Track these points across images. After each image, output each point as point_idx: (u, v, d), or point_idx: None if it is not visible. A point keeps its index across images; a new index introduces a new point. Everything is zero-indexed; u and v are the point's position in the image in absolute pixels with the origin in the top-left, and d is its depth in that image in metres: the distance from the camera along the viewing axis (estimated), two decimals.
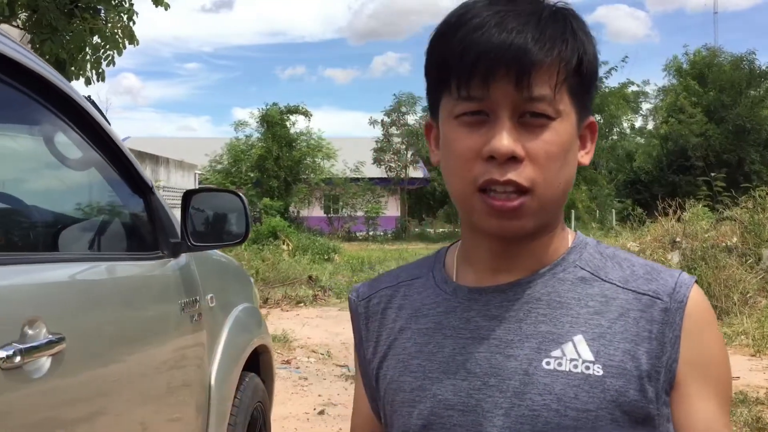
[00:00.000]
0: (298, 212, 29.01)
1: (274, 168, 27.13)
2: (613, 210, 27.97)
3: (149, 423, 1.96)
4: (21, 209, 1.89)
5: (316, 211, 30.95)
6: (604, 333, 0.81)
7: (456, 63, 0.79)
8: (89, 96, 2.05)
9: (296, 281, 11.99)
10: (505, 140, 0.77)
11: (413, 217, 35.34)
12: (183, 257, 2.30)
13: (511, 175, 0.78)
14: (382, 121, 34.70)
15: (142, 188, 2.16)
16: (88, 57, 8.22)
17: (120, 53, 8.38)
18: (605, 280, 0.85)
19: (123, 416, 1.79)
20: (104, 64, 8.47)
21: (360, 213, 31.62)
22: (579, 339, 0.80)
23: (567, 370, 0.79)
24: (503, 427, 0.79)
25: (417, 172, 35.94)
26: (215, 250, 3.06)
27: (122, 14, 8.61)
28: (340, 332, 8.02)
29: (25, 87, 1.64)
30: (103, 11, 8.65)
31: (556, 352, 0.80)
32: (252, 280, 3.41)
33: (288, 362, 6.48)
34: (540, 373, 0.80)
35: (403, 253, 19.93)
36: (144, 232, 2.18)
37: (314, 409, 5.03)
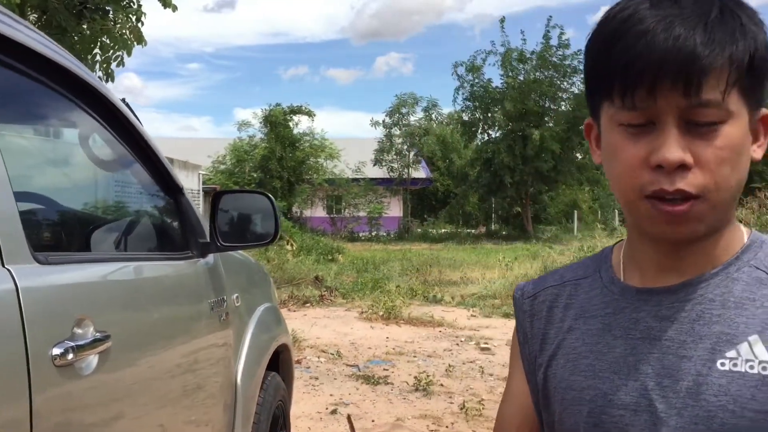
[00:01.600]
0: (301, 213, 29.07)
1: (277, 168, 27.18)
2: (616, 210, 27.99)
3: (182, 420, 1.99)
4: (63, 209, 1.92)
5: (319, 212, 31.00)
6: None
7: (620, 73, 0.77)
8: (124, 98, 2.08)
9: (302, 281, 12.01)
10: (673, 149, 0.75)
11: (416, 218, 35.38)
12: (210, 257, 2.33)
13: (681, 185, 0.76)
14: (383, 121, 34.77)
15: (173, 189, 2.18)
16: (98, 58, 8.26)
17: (129, 53, 8.40)
18: None
19: (159, 413, 1.82)
20: (114, 64, 8.50)
21: (362, 213, 31.67)
22: (755, 339, 0.79)
23: (743, 370, 0.78)
24: (676, 428, 0.79)
25: (419, 173, 35.98)
26: (236, 251, 3.09)
27: (131, 15, 8.65)
28: (348, 332, 8.05)
29: (61, 87, 1.67)
30: (111, 12, 8.69)
31: (731, 353, 0.79)
32: (271, 279, 3.43)
33: (299, 362, 6.51)
34: (714, 374, 0.79)
35: (407, 253, 19.95)
36: (175, 232, 2.21)
37: (326, 408, 5.06)
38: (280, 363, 3.22)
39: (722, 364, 0.79)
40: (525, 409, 1.00)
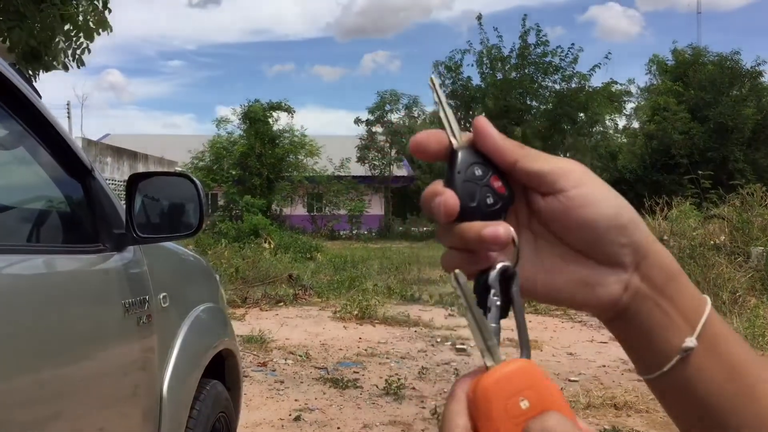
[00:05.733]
0: (281, 210, 28.68)
1: (256, 165, 26.77)
2: None
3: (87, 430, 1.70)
4: None
5: (299, 210, 30.64)
6: None
7: None
8: (15, 63, 1.78)
9: (276, 280, 11.70)
10: None
11: (397, 216, 35.12)
12: (130, 251, 2.03)
13: None
14: (367, 120, 34.50)
15: (80, 171, 1.88)
16: (61, 45, 7.92)
17: (92, 40, 8.07)
18: None
19: (56, 425, 1.53)
20: (78, 51, 8.16)
21: (343, 211, 31.37)
22: None
23: None
24: None
25: (401, 171, 35.76)
26: (175, 245, 2.79)
27: (95, 1, 8.31)
28: (319, 333, 7.75)
29: None
30: None
31: None
32: (218, 278, 3.13)
33: (264, 364, 6.20)
34: None
35: (387, 251, 19.70)
36: (81, 221, 1.90)
37: (290, 414, 4.76)
38: (225, 370, 2.93)
39: None
40: None
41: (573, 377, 5.84)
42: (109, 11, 8.44)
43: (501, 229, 0.45)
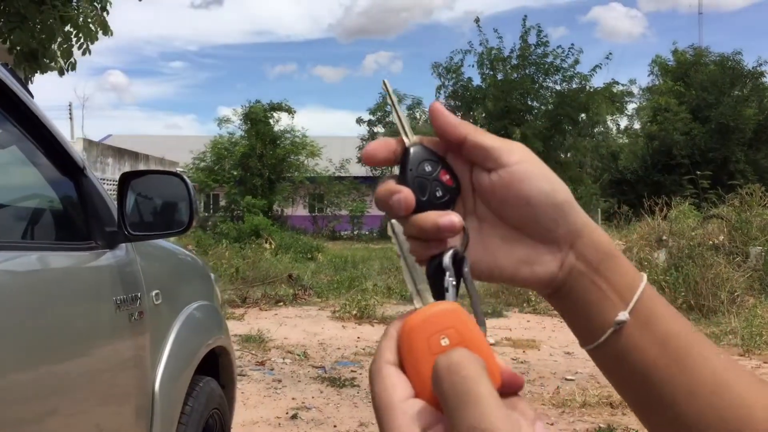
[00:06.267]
0: (282, 211, 28.70)
1: (257, 166, 26.79)
2: (599, 209, 27.92)
3: (80, 427, 1.73)
4: None
5: (300, 210, 30.65)
6: None
7: None
8: (7, 64, 1.81)
9: (276, 280, 11.72)
10: None
11: None
12: (122, 249, 2.06)
13: None
14: (368, 120, 34.49)
15: (71, 169, 1.91)
16: (62, 47, 7.96)
17: (92, 41, 8.10)
18: None
19: (49, 421, 1.56)
20: (79, 52, 8.20)
21: (344, 212, 31.36)
22: None
23: None
24: None
25: None
26: (169, 243, 2.82)
27: (95, 3, 8.35)
28: (318, 332, 7.78)
29: None
30: (75, 1, 8.37)
31: None
32: (213, 276, 3.16)
33: (262, 363, 6.23)
34: None
35: (388, 252, 19.67)
36: (73, 219, 1.93)
37: (287, 413, 4.79)
38: (219, 368, 2.95)
39: None
40: None
41: (569, 376, 5.87)
42: (108, 13, 8.48)
43: (455, 217, 0.49)
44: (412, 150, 0.52)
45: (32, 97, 1.81)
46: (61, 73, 8.43)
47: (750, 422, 0.50)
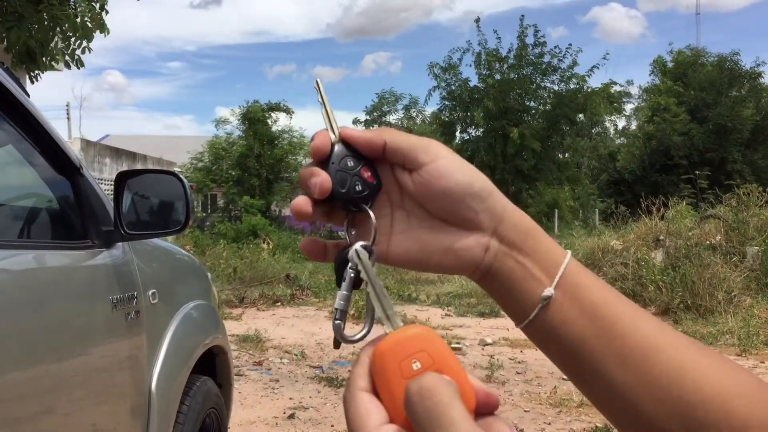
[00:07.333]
0: (280, 211, 28.68)
1: (255, 166, 26.78)
2: (596, 209, 27.93)
3: (76, 426, 1.72)
4: None
5: None
6: None
7: None
8: (3, 63, 1.80)
9: (274, 280, 11.72)
10: None
11: None
12: (119, 248, 2.06)
13: None
14: (365, 120, 34.50)
15: (67, 169, 1.91)
16: (60, 45, 7.96)
17: (90, 41, 8.10)
18: None
19: (45, 420, 1.55)
20: (78, 51, 8.19)
21: None
22: None
23: None
24: None
25: None
26: (166, 242, 2.82)
27: (93, 2, 8.34)
28: (316, 332, 7.78)
29: None
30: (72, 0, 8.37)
31: None
32: (210, 276, 3.16)
33: (259, 363, 6.23)
34: None
35: None
36: (69, 218, 1.93)
37: (284, 413, 4.79)
38: (216, 367, 2.95)
39: None
40: None
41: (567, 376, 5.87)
42: (106, 12, 8.48)
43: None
44: (336, 146, 0.55)
45: (28, 96, 1.81)
46: (68, 66, 8.44)
47: (683, 385, 0.50)
